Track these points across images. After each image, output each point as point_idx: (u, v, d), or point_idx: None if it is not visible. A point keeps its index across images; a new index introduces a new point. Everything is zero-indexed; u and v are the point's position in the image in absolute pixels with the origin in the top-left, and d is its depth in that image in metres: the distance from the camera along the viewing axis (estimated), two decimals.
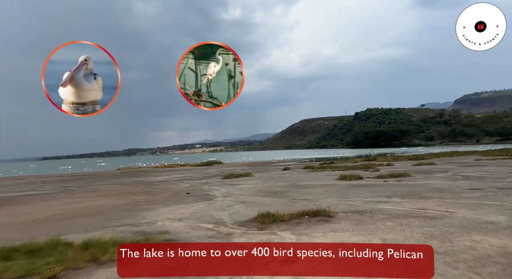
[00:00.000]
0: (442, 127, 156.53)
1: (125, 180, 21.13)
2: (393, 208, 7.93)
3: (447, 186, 11.77)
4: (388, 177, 15.22)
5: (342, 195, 10.47)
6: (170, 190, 13.75)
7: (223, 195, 11.59)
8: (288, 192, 11.83)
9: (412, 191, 10.83)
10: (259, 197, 10.88)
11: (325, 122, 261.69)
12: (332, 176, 17.40)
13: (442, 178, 14.54)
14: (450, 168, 19.95)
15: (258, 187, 13.91)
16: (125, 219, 7.88)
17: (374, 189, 11.61)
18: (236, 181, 17.33)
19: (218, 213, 8.15)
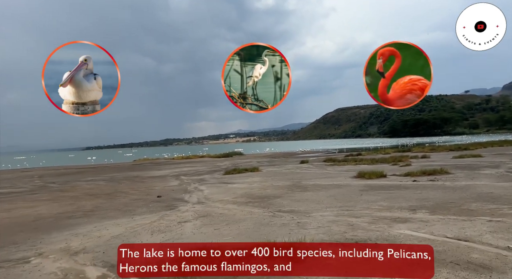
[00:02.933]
0: (488, 114, 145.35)
1: (119, 175, 19.17)
2: (414, 234, 5.01)
3: (500, 189, 8.51)
4: (419, 175, 11.99)
5: (347, 204, 7.58)
6: (144, 192, 11.40)
7: (197, 201, 9.05)
8: (281, 197, 9.07)
9: (449, 198, 7.72)
10: (238, 205, 8.24)
11: (361, 111, 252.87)
12: (351, 171, 14.37)
13: (492, 176, 11.14)
14: (502, 161, 16.20)
15: (252, 187, 11.25)
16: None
17: (395, 194, 8.59)
18: (235, 178, 14.77)
19: (150, 237, 5.62)
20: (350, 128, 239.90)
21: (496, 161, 16.28)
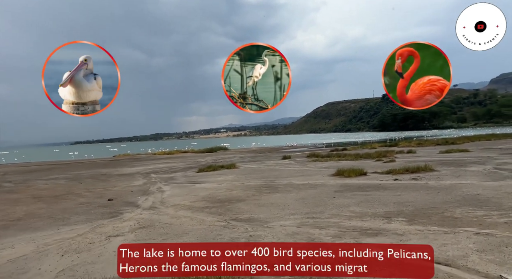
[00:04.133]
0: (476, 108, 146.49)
1: (87, 173, 17.90)
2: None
3: (488, 190, 7.61)
4: (402, 172, 11.08)
5: (315, 210, 6.59)
6: (98, 193, 10.26)
7: (149, 206, 7.97)
8: (245, 200, 8.04)
9: (432, 201, 6.78)
10: (192, 211, 7.19)
11: (351, 105, 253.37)
12: (331, 168, 13.38)
13: (480, 174, 10.28)
14: (489, 156, 15.43)
15: (219, 187, 10.20)
16: None
17: (372, 196, 7.63)
18: (207, 176, 13.71)
19: (57, 261, 4.54)
20: (340, 122, 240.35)
21: (483, 156, 15.50)
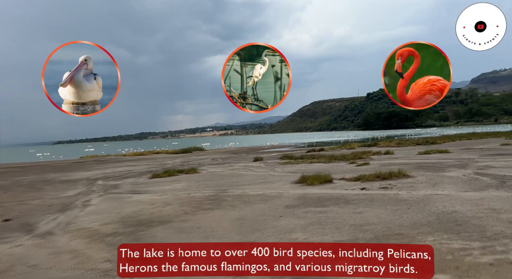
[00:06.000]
0: (457, 107, 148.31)
1: (28, 179, 15.94)
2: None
3: (468, 205, 6.23)
4: (372, 179, 9.66)
5: (247, 238, 5.05)
6: (5, 209, 8.49)
7: (47, 230, 6.31)
8: (170, 221, 6.46)
9: (398, 224, 5.33)
10: (90, 240, 5.58)
11: (336, 104, 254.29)
12: (299, 173, 11.85)
13: (459, 181, 8.95)
14: (470, 158, 14.23)
15: (155, 201, 8.59)
16: None
17: (327, 215, 6.14)
18: (156, 183, 12.08)
19: None
20: (325, 121, 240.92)
21: (463, 158, 14.28)
